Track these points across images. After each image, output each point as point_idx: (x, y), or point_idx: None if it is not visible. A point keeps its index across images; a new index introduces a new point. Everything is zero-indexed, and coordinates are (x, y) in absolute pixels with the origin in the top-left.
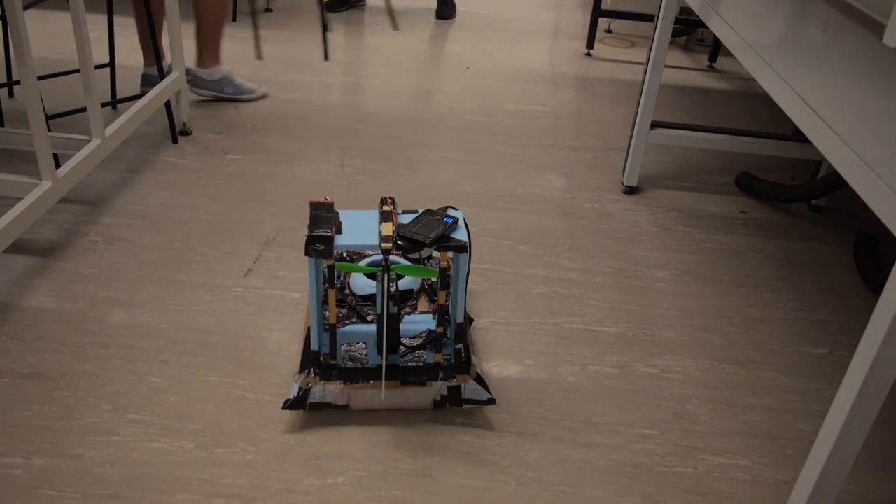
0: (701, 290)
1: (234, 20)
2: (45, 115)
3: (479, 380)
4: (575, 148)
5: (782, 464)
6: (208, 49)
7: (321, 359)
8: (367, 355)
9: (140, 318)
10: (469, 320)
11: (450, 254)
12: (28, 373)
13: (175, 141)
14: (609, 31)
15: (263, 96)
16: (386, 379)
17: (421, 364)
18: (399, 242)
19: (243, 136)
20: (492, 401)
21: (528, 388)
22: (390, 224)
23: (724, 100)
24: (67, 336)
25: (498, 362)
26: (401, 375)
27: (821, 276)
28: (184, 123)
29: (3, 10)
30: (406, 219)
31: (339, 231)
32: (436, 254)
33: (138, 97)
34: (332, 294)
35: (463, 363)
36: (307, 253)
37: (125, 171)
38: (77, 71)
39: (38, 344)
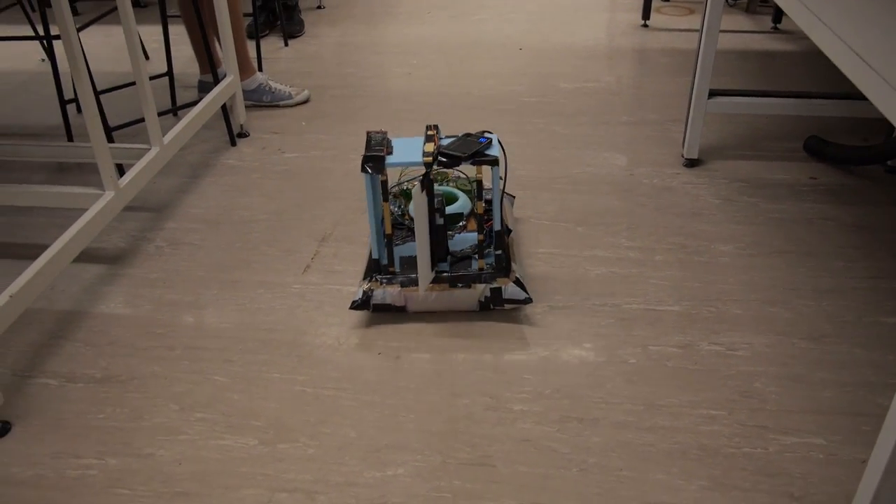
0: (768, 263)
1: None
2: (108, 127)
3: (518, 282)
4: (632, 123)
5: (859, 441)
6: (239, 61)
7: (381, 266)
8: None
9: (204, 319)
10: (507, 230)
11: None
12: (101, 377)
13: (233, 143)
14: (666, 0)
15: (305, 101)
16: (436, 282)
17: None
18: (440, 158)
19: (299, 135)
20: (529, 300)
21: (588, 371)
22: (432, 144)
23: (791, 62)
24: (136, 340)
25: (556, 347)
26: (449, 279)
27: None
28: (241, 126)
29: None
30: (447, 141)
31: (390, 152)
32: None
33: (196, 104)
34: (386, 207)
35: (503, 268)
36: (363, 170)
37: (187, 175)
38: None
39: (109, 349)
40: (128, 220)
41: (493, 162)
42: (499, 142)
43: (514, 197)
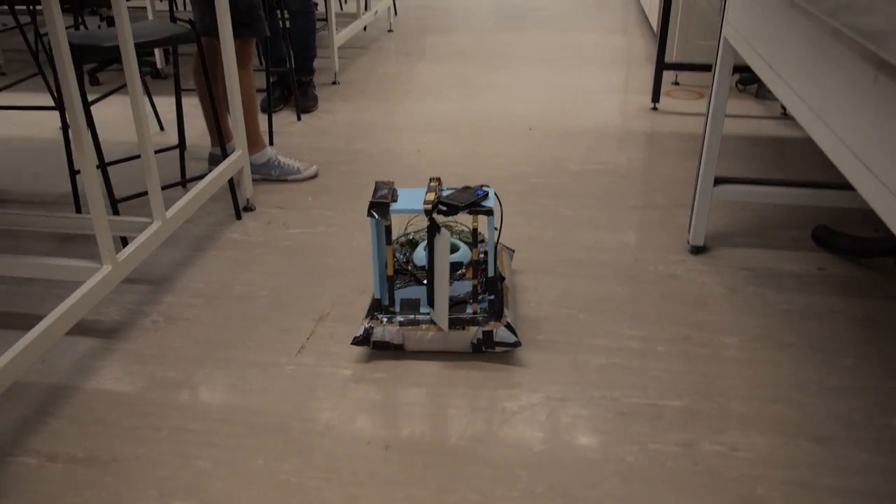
0: (774, 357)
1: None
2: (114, 198)
3: (509, 326)
4: (639, 207)
5: None
6: (248, 136)
7: (382, 305)
8: (420, 308)
9: (193, 399)
10: (501, 278)
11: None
12: (82, 457)
13: (239, 217)
14: (676, 84)
15: (313, 176)
16: (432, 323)
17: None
18: (440, 206)
19: (305, 210)
20: (518, 343)
21: (584, 469)
22: (433, 194)
23: (801, 149)
24: (123, 418)
25: (553, 441)
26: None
27: None
28: (247, 200)
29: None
30: (448, 193)
31: (394, 200)
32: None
33: (204, 177)
34: (390, 250)
35: (496, 313)
36: (369, 215)
37: (190, 248)
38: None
39: (94, 427)
40: (126, 293)
41: (489, 212)
42: (496, 195)
43: (513, 251)
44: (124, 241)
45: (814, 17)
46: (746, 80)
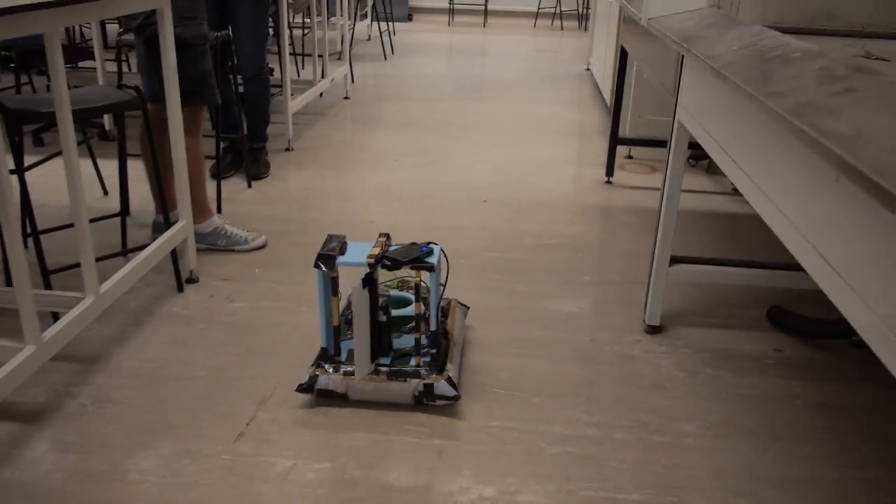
0: (734, 446)
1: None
2: (46, 270)
3: (450, 380)
4: (594, 283)
5: None
6: (195, 204)
7: (328, 355)
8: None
9: (119, 495)
10: (444, 333)
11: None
12: None
13: (181, 289)
14: (630, 157)
15: (262, 246)
16: (375, 374)
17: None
18: (383, 261)
19: (251, 283)
20: (457, 397)
21: None
22: (379, 248)
23: (754, 225)
24: None
25: None
26: (387, 372)
27: (869, 423)
28: (191, 271)
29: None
30: (395, 248)
31: (342, 252)
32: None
33: (146, 247)
34: (336, 301)
35: (438, 366)
36: (315, 266)
37: (126, 323)
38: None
39: None
40: (53, 372)
41: (430, 268)
42: (442, 251)
43: (468, 308)
44: (56, 316)
45: (777, 115)
46: (698, 155)
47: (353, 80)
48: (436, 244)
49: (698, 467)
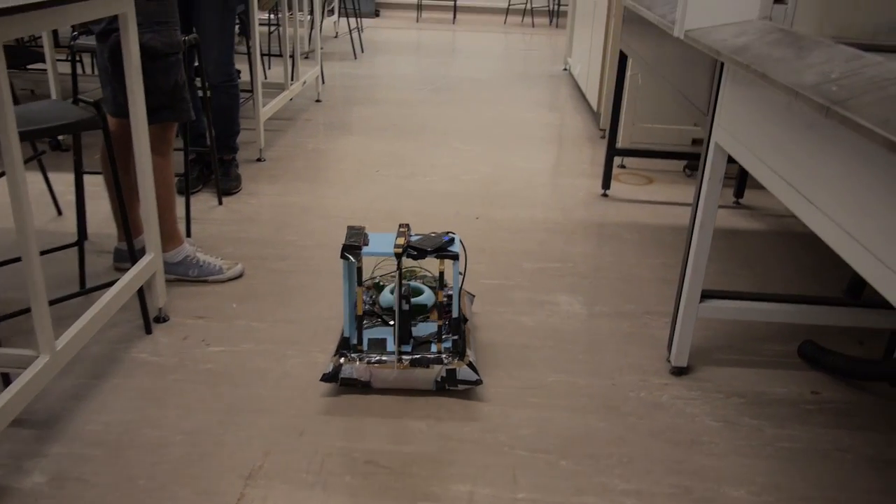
0: None
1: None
2: None
3: (471, 365)
4: (607, 315)
5: None
6: (163, 231)
7: (350, 344)
8: (387, 347)
9: None
10: (464, 319)
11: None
12: None
13: (149, 331)
14: (623, 167)
15: (238, 276)
16: (398, 362)
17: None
18: (409, 251)
19: (228, 321)
20: (479, 381)
21: None
22: (403, 238)
23: (759, 242)
24: None
25: None
26: (410, 359)
27: None
28: (159, 309)
29: None
30: (416, 238)
31: (366, 244)
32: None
33: (110, 284)
34: (360, 291)
35: (459, 352)
36: (342, 257)
37: (87, 375)
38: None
39: None
40: (2, 442)
41: (454, 257)
42: (461, 241)
43: (473, 296)
44: (6, 379)
45: (863, 129)
46: (695, 165)
47: (323, 82)
48: (454, 233)
49: None
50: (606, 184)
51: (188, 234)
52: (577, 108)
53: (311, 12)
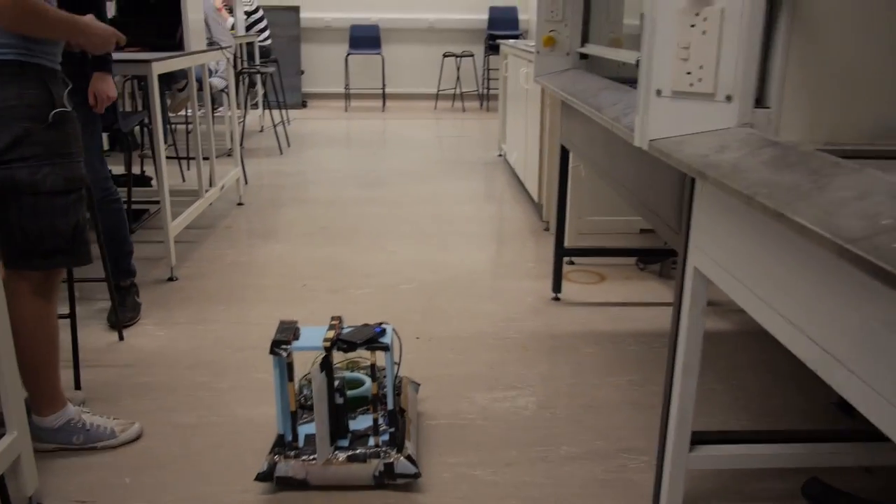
0: None
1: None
2: None
3: (409, 458)
4: (576, 458)
5: None
6: (41, 394)
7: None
8: None
9: None
10: (401, 411)
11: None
12: None
13: None
14: (572, 263)
15: (134, 438)
16: (334, 457)
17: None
18: (339, 344)
19: (120, 503)
20: (418, 474)
21: None
22: (333, 331)
23: (728, 347)
24: None
25: None
26: (346, 455)
27: None
28: (29, 499)
29: None
30: (348, 330)
31: (296, 338)
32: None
33: None
34: (291, 386)
35: (397, 445)
36: (272, 352)
37: None
38: None
39: None
40: None
41: (385, 348)
42: (394, 331)
43: (419, 384)
44: None
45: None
46: (648, 260)
47: (246, 182)
48: (388, 324)
49: None
50: (557, 287)
51: (77, 386)
52: (517, 197)
53: (232, 106)
